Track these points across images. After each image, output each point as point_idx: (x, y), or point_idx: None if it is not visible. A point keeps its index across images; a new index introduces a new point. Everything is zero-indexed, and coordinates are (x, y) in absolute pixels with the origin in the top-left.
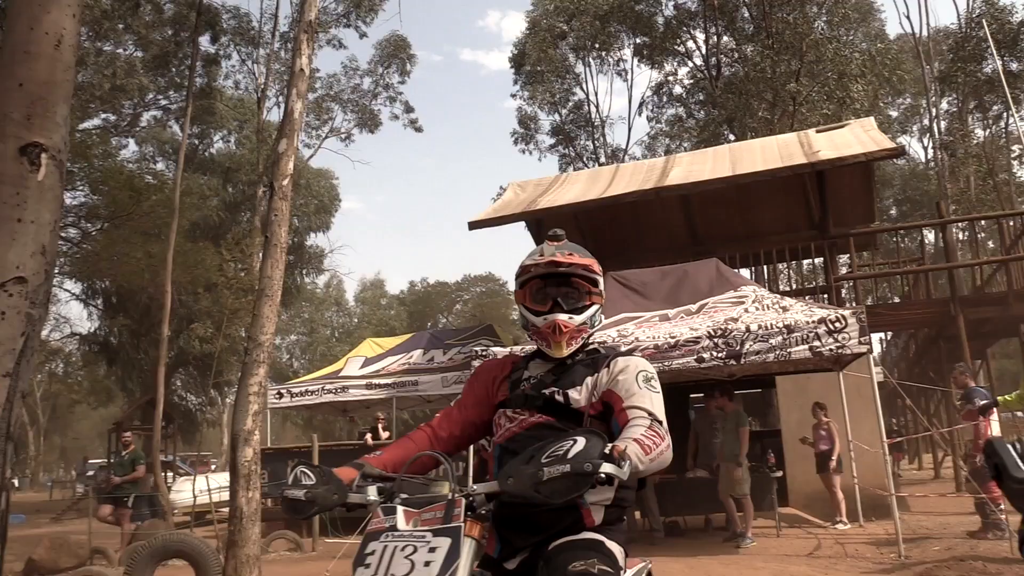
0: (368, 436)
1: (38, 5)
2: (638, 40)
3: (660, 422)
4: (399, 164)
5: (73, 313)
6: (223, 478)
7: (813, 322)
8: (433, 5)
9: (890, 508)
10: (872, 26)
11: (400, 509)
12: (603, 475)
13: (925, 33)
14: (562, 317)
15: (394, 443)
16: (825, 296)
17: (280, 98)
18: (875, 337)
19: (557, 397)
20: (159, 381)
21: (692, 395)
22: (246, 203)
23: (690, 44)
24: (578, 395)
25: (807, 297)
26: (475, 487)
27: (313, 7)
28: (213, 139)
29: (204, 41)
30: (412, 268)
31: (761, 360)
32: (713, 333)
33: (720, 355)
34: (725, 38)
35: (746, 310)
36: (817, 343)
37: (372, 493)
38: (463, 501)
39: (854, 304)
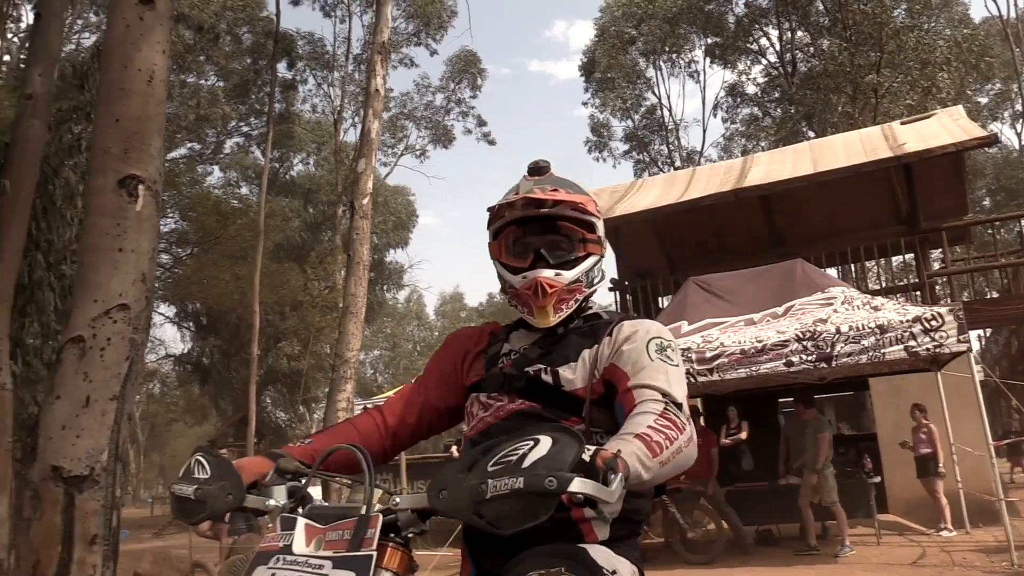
0: (454, 448)
1: (130, 44)
2: (709, 40)
3: (678, 405)
4: (473, 177)
5: (167, 335)
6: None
7: (907, 321)
8: (499, 19)
9: (998, 514)
10: (955, 11)
11: (301, 523)
12: (577, 496)
13: (1013, 15)
14: (546, 274)
15: (330, 428)
16: (917, 293)
17: (356, 119)
18: (972, 335)
19: (544, 376)
20: (250, 399)
21: (781, 399)
22: (326, 223)
23: (763, 41)
24: (572, 373)
25: (898, 295)
26: (398, 500)
27: (385, 29)
28: (293, 162)
29: (281, 68)
30: (490, 280)
31: (853, 362)
32: (802, 336)
33: (810, 358)
34: (799, 33)
35: (835, 311)
36: (912, 343)
37: (279, 496)
38: (380, 519)
39: (949, 301)
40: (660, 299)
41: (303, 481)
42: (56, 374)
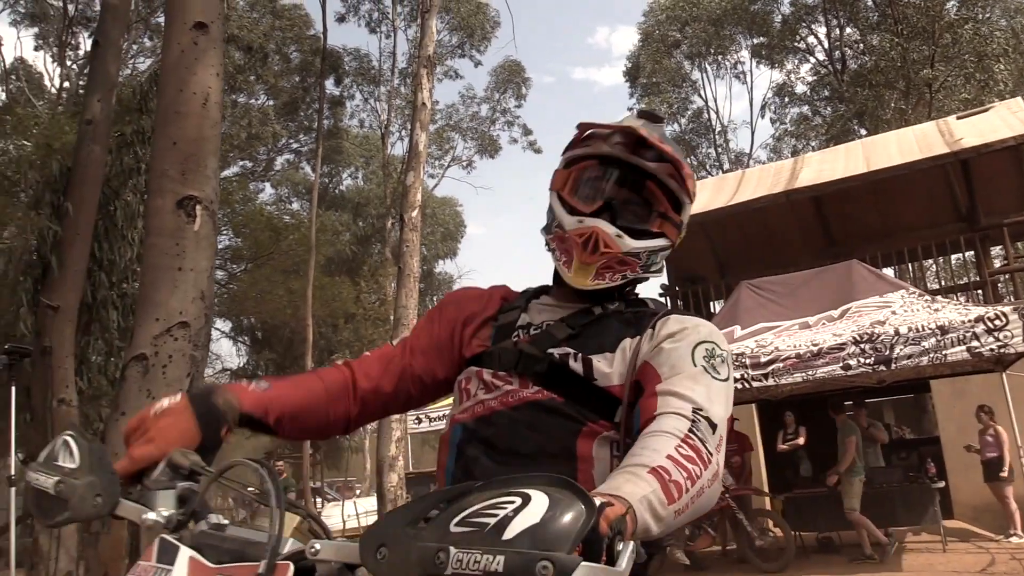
0: None
1: (185, 68)
2: (755, 41)
3: (712, 426)
4: (519, 187)
5: (223, 350)
6: (369, 503)
7: (969, 321)
8: (541, 27)
9: None
10: (1011, 1)
11: (184, 556)
12: None
13: None
14: (608, 229)
15: (294, 376)
16: (979, 292)
17: (403, 132)
18: None
19: (573, 364)
20: None
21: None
22: (376, 236)
23: (811, 39)
24: (608, 366)
25: (959, 294)
26: (317, 547)
27: (431, 43)
28: (342, 176)
29: (329, 84)
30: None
31: (914, 365)
32: (859, 338)
33: (868, 361)
34: (848, 30)
35: (893, 312)
36: (976, 343)
37: (164, 503)
38: (290, 572)
39: (1013, 299)
40: (712, 303)
41: (199, 482)
42: (120, 391)
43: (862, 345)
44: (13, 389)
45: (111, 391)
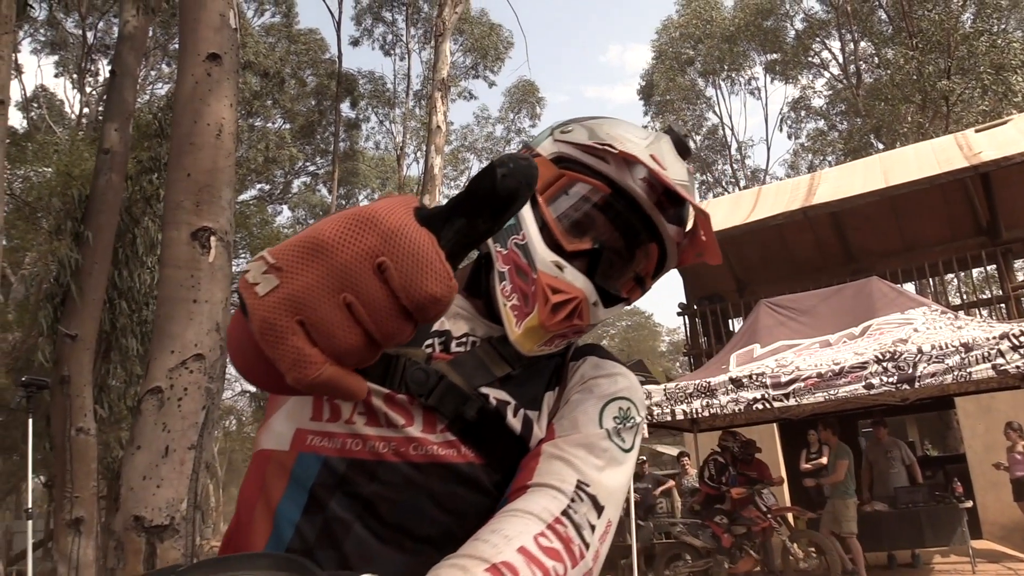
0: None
1: (199, 100)
2: (769, 57)
3: (598, 507)
4: None
5: None
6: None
7: (994, 338)
8: (555, 47)
9: None
10: None
11: None
12: None
13: None
14: (591, 296)
15: None
16: (1003, 307)
17: (418, 153)
18: None
19: (511, 420)
20: None
21: (861, 421)
22: None
23: (825, 54)
24: (540, 430)
25: (981, 310)
26: None
27: (444, 66)
28: (359, 198)
29: (345, 107)
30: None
31: (938, 383)
32: (881, 357)
33: (891, 380)
34: (863, 44)
35: (915, 329)
36: (1001, 360)
37: None
38: None
39: None
40: (730, 322)
41: None
42: (136, 425)
43: (884, 363)
44: (31, 422)
45: (130, 418)
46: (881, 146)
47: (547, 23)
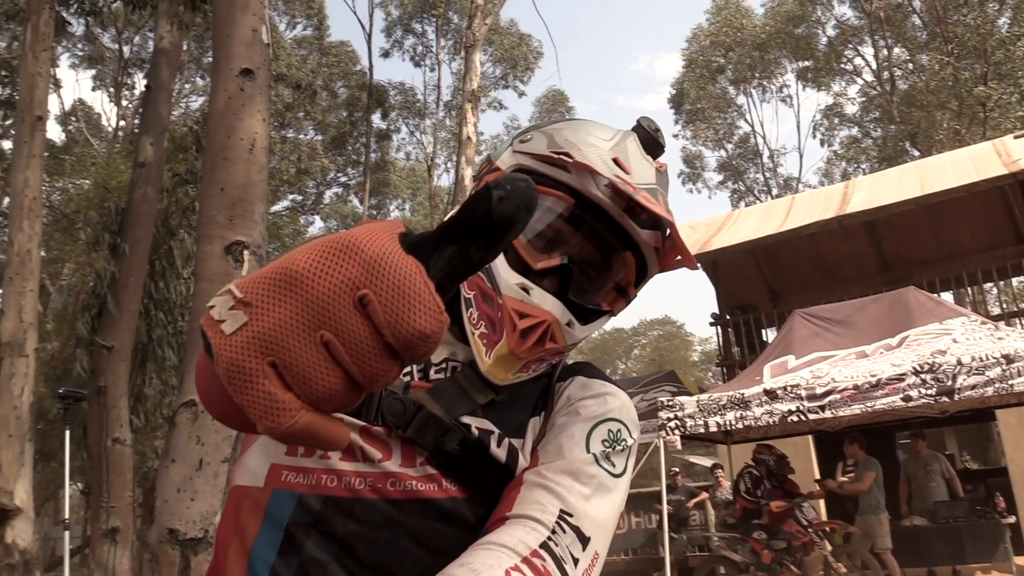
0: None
1: (232, 115)
2: (801, 64)
3: (583, 538)
4: None
5: None
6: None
7: None
8: (584, 56)
9: None
10: None
11: None
12: None
13: None
14: (562, 317)
15: None
16: None
17: (448, 164)
18: None
19: (495, 449)
20: None
21: (898, 433)
22: None
23: (857, 61)
24: (524, 456)
25: (1022, 320)
26: None
27: (475, 77)
28: (389, 208)
29: (375, 118)
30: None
31: (978, 395)
32: (919, 368)
33: (930, 392)
34: (896, 50)
35: (954, 340)
36: None
37: None
38: None
39: None
40: (764, 332)
41: None
42: (170, 438)
43: (923, 375)
44: (68, 433)
45: (165, 427)
46: (916, 153)
47: (576, 33)
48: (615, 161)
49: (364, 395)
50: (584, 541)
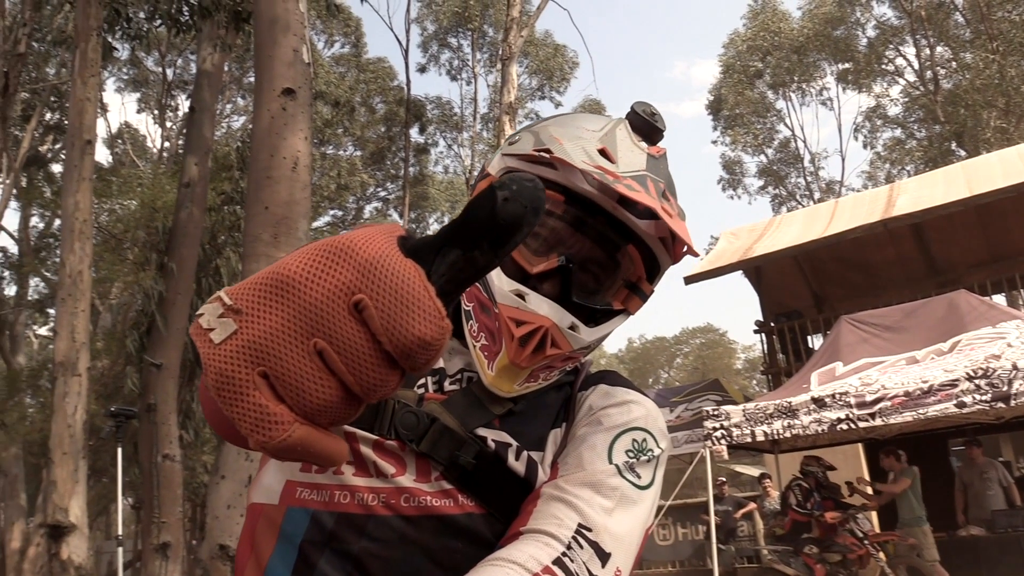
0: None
1: (275, 134)
2: (840, 66)
3: (602, 554)
4: None
5: None
6: None
7: None
8: (619, 65)
9: None
10: None
11: None
12: None
13: None
14: (561, 321)
15: None
16: None
17: None
18: None
19: (513, 462)
20: None
21: (951, 440)
22: None
23: (899, 61)
24: (544, 470)
25: None
26: None
27: (512, 90)
28: (429, 222)
29: (413, 132)
30: (628, 326)
31: None
32: (973, 374)
33: (984, 398)
34: (939, 48)
35: (1009, 344)
36: None
37: None
38: None
39: None
40: (809, 339)
41: None
42: (220, 454)
43: (977, 381)
44: (120, 450)
45: (214, 441)
46: (963, 153)
47: (611, 42)
48: (602, 152)
49: (362, 407)
50: (604, 557)
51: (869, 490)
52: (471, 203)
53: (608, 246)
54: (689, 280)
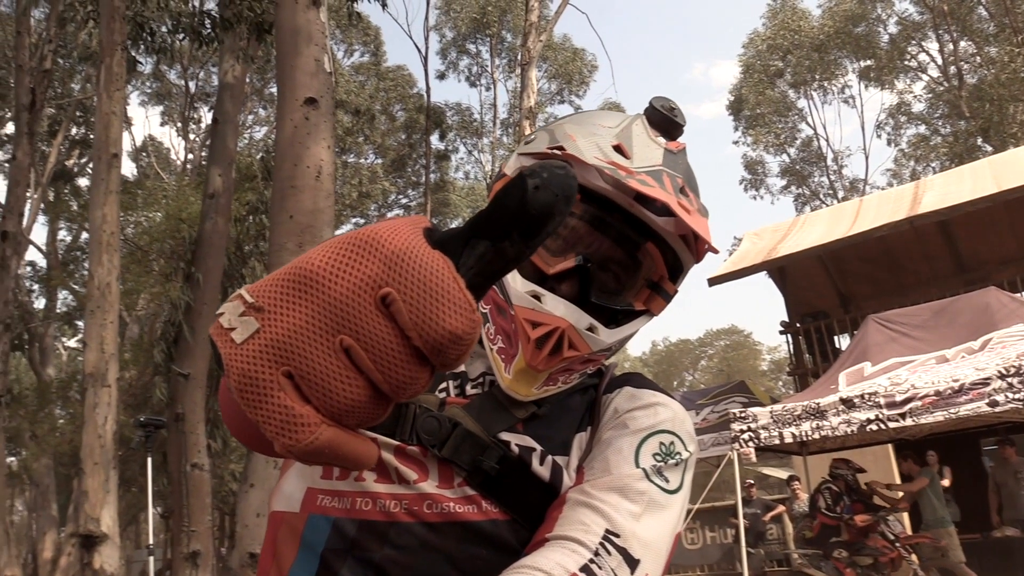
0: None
1: (299, 143)
2: (862, 63)
3: (631, 561)
4: None
5: None
6: None
7: None
8: (638, 67)
9: None
10: None
11: None
12: None
13: None
14: (578, 323)
15: None
16: None
17: None
18: None
19: (538, 467)
20: None
21: (983, 440)
22: None
23: (922, 57)
24: (569, 475)
25: None
26: None
27: (532, 95)
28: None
29: (434, 139)
30: (652, 329)
31: None
32: (1005, 372)
33: (1018, 396)
34: (963, 43)
35: None
36: None
37: None
38: None
39: None
40: (836, 339)
41: None
42: (249, 463)
43: (1009, 379)
44: (149, 460)
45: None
46: (990, 149)
47: (629, 45)
48: (617, 148)
49: (390, 407)
50: (633, 564)
51: (888, 492)
52: (500, 192)
53: (627, 244)
54: (713, 281)
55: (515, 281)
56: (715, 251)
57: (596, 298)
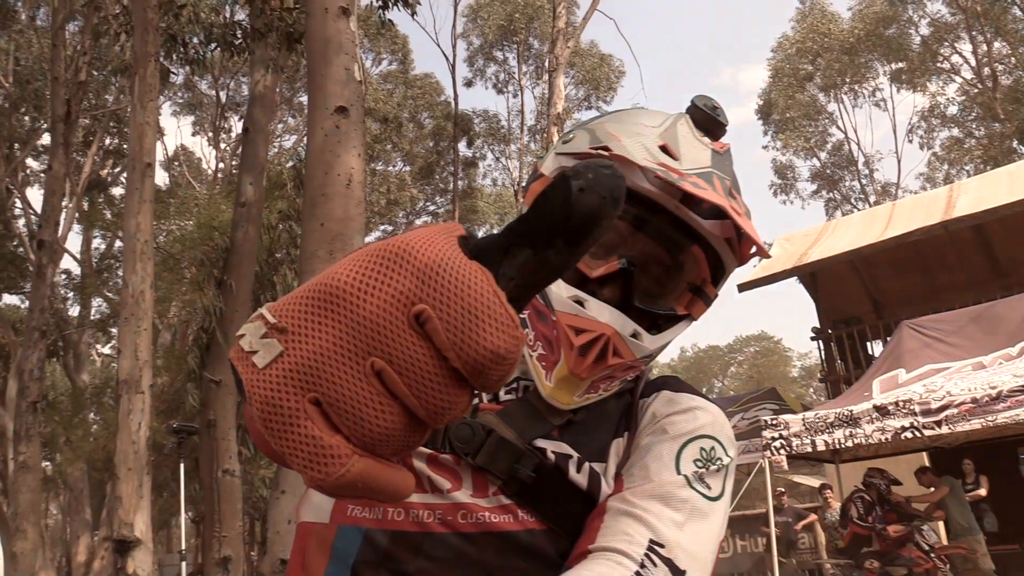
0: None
1: (329, 152)
2: (894, 66)
3: (677, 572)
4: None
5: None
6: None
7: None
8: (665, 73)
9: None
10: None
11: None
12: None
13: None
14: (623, 329)
15: None
16: None
17: None
18: None
19: (575, 475)
20: None
21: (1021, 448)
22: None
23: (955, 59)
24: (607, 482)
25: None
26: None
27: (559, 101)
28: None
29: (461, 146)
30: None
31: None
32: None
33: None
34: (997, 44)
35: None
36: None
37: None
38: None
39: None
40: (869, 345)
41: None
42: (280, 469)
43: None
44: (182, 466)
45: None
46: None
47: (656, 50)
48: (663, 148)
49: (428, 434)
50: (678, 575)
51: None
52: (540, 195)
53: (671, 247)
54: (743, 287)
55: (556, 285)
56: (766, 255)
57: (639, 302)
